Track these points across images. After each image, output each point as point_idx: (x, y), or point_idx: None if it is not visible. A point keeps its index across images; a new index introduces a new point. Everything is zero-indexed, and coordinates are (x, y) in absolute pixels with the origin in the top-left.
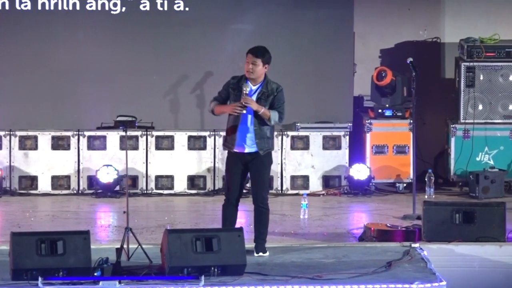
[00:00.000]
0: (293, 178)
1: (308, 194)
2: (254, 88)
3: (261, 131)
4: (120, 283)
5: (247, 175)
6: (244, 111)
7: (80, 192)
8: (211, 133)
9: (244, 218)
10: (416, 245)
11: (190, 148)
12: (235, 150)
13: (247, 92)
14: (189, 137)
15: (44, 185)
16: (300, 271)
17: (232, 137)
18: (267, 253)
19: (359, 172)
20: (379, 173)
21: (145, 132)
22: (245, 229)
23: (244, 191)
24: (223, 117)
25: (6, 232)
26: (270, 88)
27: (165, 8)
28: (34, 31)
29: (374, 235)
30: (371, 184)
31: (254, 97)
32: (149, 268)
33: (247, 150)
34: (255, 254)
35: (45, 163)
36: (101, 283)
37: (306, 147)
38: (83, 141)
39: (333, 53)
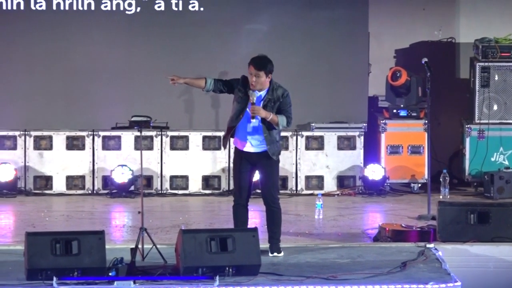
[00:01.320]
0: (307, 178)
1: (322, 194)
2: (260, 94)
3: (270, 136)
4: (134, 283)
5: (254, 174)
6: (254, 120)
7: (95, 192)
8: None
9: (258, 218)
10: (431, 245)
11: (204, 148)
12: (244, 150)
13: (254, 101)
14: (204, 137)
15: (59, 185)
16: (315, 271)
17: (239, 136)
18: (282, 253)
19: (374, 172)
20: (393, 173)
21: (160, 132)
22: (259, 229)
23: (258, 191)
24: None
25: (21, 232)
26: (276, 94)
27: (180, 8)
28: (49, 31)
29: (389, 235)
30: (385, 184)
31: (260, 104)
32: (163, 268)
33: (253, 150)
34: (270, 255)
35: (59, 163)
36: (115, 283)
37: (321, 147)
38: (98, 141)
39: (348, 53)
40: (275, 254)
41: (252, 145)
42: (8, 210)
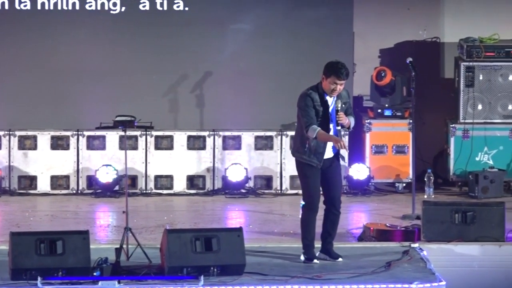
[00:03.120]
0: (292, 178)
1: None
2: (331, 100)
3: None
4: (119, 283)
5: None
6: (340, 128)
7: (79, 192)
8: (211, 133)
9: (244, 218)
10: (416, 245)
11: (189, 148)
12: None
13: (339, 109)
14: (189, 137)
15: (44, 185)
16: (300, 271)
17: (318, 152)
18: (331, 259)
19: (359, 172)
20: (378, 173)
21: (145, 132)
22: (244, 229)
23: (243, 190)
24: (223, 117)
25: (6, 232)
26: (344, 96)
27: (165, 8)
28: (33, 31)
29: (374, 235)
30: (370, 184)
31: (331, 109)
32: (148, 268)
33: (325, 156)
34: (332, 260)
35: (44, 163)
36: (100, 283)
37: None
38: (83, 141)
39: (333, 53)
40: (327, 258)
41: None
42: None
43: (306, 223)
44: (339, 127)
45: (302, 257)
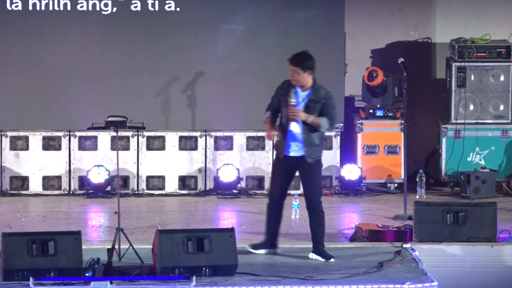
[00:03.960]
0: None
1: (299, 195)
2: (303, 94)
3: (310, 138)
4: (111, 283)
5: (293, 177)
6: (293, 123)
7: (71, 192)
8: (202, 133)
9: (236, 218)
10: (408, 245)
11: (181, 148)
12: (285, 154)
13: (294, 104)
14: (180, 138)
15: (35, 185)
16: (292, 272)
17: (282, 142)
18: (331, 259)
19: (350, 172)
20: (370, 173)
21: (136, 133)
22: (236, 229)
23: (235, 191)
24: (214, 117)
25: None
26: (318, 95)
27: (156, 9)
28: (25, 32)
29: (365, 235)
30: (362, 184)
31: (302, 105)
32: (140, 268)
33: (292, 154)
34: (315, 258)
35: (36, 163)
36: (92, 283)
37: None
38: (74, 142)
39: (324, 53)
40: (319, 258)
41: (290, 150)
42: None
43: (266, 213)
44: (293, 122)
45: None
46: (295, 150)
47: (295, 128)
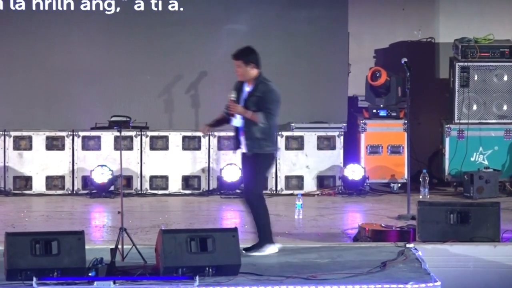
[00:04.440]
0: (287, 178)
1: (302, 194)
2: (248, 89)
3: (250, 132)
4: (114, 283)
5: None
6: (234, 118)
7: (74, 192)
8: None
9: (239, 218)
10: (411, 245)
11: (184, 148)
12: (239, 149)
13: (233, 98)
14: (184, 138)
15: (39, 185)
16: (295, 271)
17: (234, 137)
18: (260, 253)
19: (354, 172)
20: (373, 173)
21: (140, 133)
22: (239, 229)
23: (239, 191)
24: (214, 117)
25: (0, 233)
26: (258, 89)
27: (160, 8)
28: (28, 32)
29: (369, 235)
30: (365, 184)
31: (244, 100)
32: (143, 268)
33: (243, 150)
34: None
35: (39, 163)
36: (95, 283)
37: (300, 147)
38: (78, 142)
39: (328, 53)
40: (252, 252)
41: (241, 146)
42: None
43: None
44: (233, 117)
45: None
46: (244, 146)
47: (237, 123)
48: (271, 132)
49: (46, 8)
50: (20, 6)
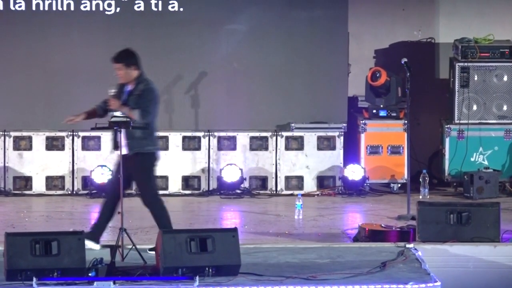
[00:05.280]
0: (287, 178)
1: (302, 195)
2: (129, 89)
3: (130, 132)
4: (114, 283)
5: (132, 175)
6: (112, 113)
7: (74, 192)
8: (206, 133)
9: (239, 218)
10: (411, 245)
11: (184, 148)
12: (116, 151)
13: (113, 93)
14: (184, 138)
15: (39, 185)
16: (295, 272)
17: (112, 138)
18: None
19: (354, 172)
20: (373, 174)
21: None
22: (239, 229)
23: (238, 191)
24: (218, 117)
25: (1, 233)
26: (138, 88)
27: (160, 9)
28: (28, 32)
29: (369, 235)
30: (365, 184)
31: (124, 99)
32: (143, 268)
33: (123, 152)
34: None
35: (39, 163)
36: (95, 283)
37: (300, 147)
38: (78, 142)
39: (328, 53)
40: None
41: (122, 147)
42: None
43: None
44: (111, 113)
45: None
46: (124, 146)
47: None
48: (152, 132)
49: (46, 8)
50: (20, 7)
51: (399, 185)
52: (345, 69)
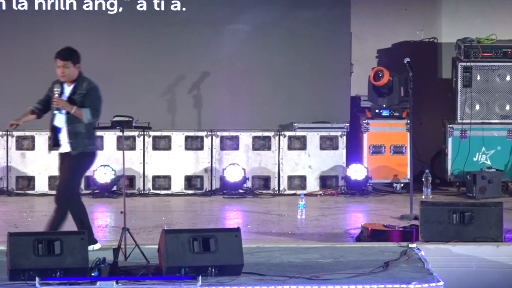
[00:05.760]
0: (290, 178)
1: (305, 194)
2: (69, 88)
3: (74, 129)
4: (117, 283)
5: None
6: (57, 112)
7: None
8: (208, 133)
9: (242, 218)
10: (414, 245)
11: (187, 148)
12: (55, 150)
13: (58, 93)
14: (186, 137)
15: (41, 185)
16: (297, 271)
17: (52, 137)
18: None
19: (356, 172)
20: (376, 173)
21: (142, 132)
22: (242, 229)
23: (241, 191)
24: (220, 117)
25: (3, 232)
26: (81, 87)
27: (162, 8)
28: (30, 31)
29: (371, 235)
30: (368, 184)
31: (66, 98)
32: (146, 268)
33: (62, 150)
34: None
35: (42, 163)
36: (98, 283)
37: (303, 147)
38: None
39: (330, 53)
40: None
41: (61, 145)
42: None
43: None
44: (57, 112)
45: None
46: (64, 145)
47: (60, 122)
48: (94, 131)
49: (49, 8)
50: (22, 6)
51: (402, 185)
52: (348, 69)
